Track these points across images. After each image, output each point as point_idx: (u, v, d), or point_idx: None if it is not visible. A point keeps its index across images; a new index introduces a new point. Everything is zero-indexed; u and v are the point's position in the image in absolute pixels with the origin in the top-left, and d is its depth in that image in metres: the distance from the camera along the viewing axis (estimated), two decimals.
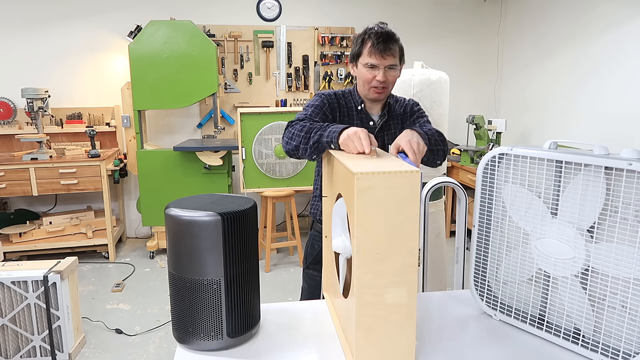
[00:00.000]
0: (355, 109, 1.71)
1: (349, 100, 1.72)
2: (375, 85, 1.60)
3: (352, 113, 1.71)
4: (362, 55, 1.59)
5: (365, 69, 1.59)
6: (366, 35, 1.57)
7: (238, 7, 4.54)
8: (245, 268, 1.15)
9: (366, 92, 1.65)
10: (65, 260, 2.56)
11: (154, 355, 2.64)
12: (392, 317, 1.01)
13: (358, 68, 1.63)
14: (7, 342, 2.41)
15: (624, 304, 1.02)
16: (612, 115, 3.56)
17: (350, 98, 1.73)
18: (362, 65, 1.60)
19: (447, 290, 2.51)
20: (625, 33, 3.43)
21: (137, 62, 3.85)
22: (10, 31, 4.22)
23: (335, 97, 1.71)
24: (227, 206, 1.13)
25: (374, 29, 1.57)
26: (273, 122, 3.73)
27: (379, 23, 1.59)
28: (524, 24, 4.66)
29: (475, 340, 1.19)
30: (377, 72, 1.58)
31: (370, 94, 1.64)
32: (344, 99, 1.72)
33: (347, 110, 1.71)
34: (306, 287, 1.87)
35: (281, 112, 3.78)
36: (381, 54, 1.55)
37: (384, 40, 1.54)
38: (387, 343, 1.02)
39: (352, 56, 1.65)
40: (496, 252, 1.28)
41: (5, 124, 4.19)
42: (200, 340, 1.13)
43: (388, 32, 1.56)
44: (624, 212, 1.00)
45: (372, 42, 1.55)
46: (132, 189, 4.66)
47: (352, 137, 1.24)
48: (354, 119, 1.70)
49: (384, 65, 1.57)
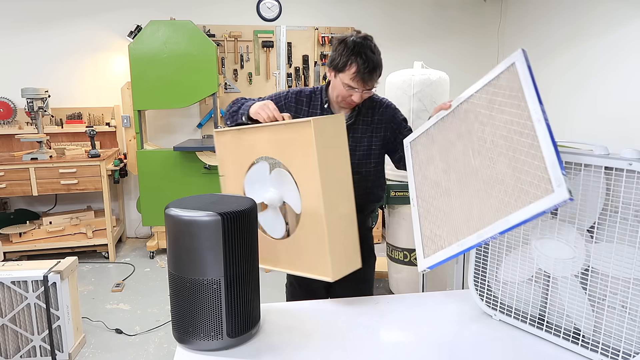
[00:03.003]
0: (320, 107, 1.71)
1: (316, 98, 1.72)
2: (350, 102, 1.61)
3: (317, 111, 1.71)
4: (343, 73, 1.56)
5: (344, 86, 1.57)
6: (353, 58, 1.52)
7: (238, 7, 4.54)
8: (245, 268, 1.15)
9: (338, 101, 1.65)
10: (65, 260, 2.56)
11: (154, 355, 2.64)
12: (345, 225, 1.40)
13: (336, 79, 1.60)
14: (7, 342, 2.41)
15: (624, 304, 1.02)
16: (612, 115, 3.56)
17: (317, 96, 1.73)
18: (341, 81, 1.57)
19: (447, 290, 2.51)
20: (625, 33, 3.43)
21: (137, 62, 3.85)
22: (11, 31, 4.22)
23: (302, 95, 1.72)
24: (227, 206, 1.13)
25: (362, 53, 1.52)
26: None
27: (364, 41, 1.54)
28: (524, 24, 4.66)
29: (475, 340, 1.19)
30: (355, 93, 1.57)
31: (341, 105, 1.65)
32: (313, 96, 1.72)
33: (310, 107, 1.71)
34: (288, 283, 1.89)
35: None
36: (364, 82, 1.55)
37: (369, 71, 1.53)
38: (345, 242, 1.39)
39: (332, 65, 1.59)
40: (496, 252, 1.28)
41: (5, 124, 4.19)
42: (200, 340, 1.13)
43: (375, 61, 1.54)
44: (624, 212, 1.00)
45: (358, 69, 1.52)
46: (132, 189, 4.66)
47: (263, 107, 1.48)
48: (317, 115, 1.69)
49: (363, 90, 1.57)
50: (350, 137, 1.69)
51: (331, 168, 1.36)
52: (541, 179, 1.04)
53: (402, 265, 3.04)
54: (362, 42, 1.54)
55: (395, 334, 1.22)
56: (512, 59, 1.25)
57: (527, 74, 1.19)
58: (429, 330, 1.24)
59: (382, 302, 1.40)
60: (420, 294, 1.50)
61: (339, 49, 1.56)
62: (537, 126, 1.09)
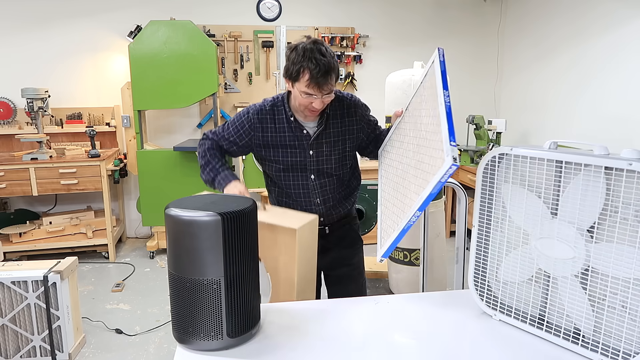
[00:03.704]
0: (286, 121, 1.68)
1: (281, 112, 1.68)
2: (312, 109, 1.60)
3: (283, 125, 1.68)
4: (298, 82, 1.54)
5: (302, 94, 1.55)
6: (304, 64, 1.49)
7: (238, 7, 4.54)
8: (245, 268, 1.15)
9: (301, 111, 1.63)
10: (65, 260, 2.56)
11: (154, 355, 2.64)
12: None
13: (293, 89, 1.58)
14: (7, 342, 2.41)
15: (624, 304, 1.02)
16: (612, 115, 3.56)
17: (282, 108, 1.69)
18: (298, 90, 1.55)
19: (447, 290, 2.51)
20: (625, 33, 3.43)
21: (137, 62, 3.85)
22: (11, 31, 4.22)
23: (264, 112, 1.68)
24: (227, 206, 1.13)
25: (312, 58, 1.48)
26: None
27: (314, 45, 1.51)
28: (524, 24, 4.66)
29: (475, 340, 1.19)
30: (314, 99, 1.55)
31: (306, 114, 1.63)
32: (275, 109, 1.69)
33: (277, 123, 1.68)
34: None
35: None
36: (319, 87, 1.52)
37: (322, 74, 1.50)
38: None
39: (287, 75, 1.57)
40: (496, 252, 1.28)
41: (5, 124, 4.19)
42: (200, 340, 1.13)
43: (326, 64, 1.50)
44: (624, 212, 1.00)
45: (311, 74, 1.49)
46: (132, 189, 4.66)
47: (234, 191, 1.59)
48: (285, 130, 1.68)
49: (321, 95, 1.54)
50: (324, 142, 1.71)
51: (304, 263, 1.53)
52: (440, 152, 1.21)
53: (402, 265, 3.04)
54: (311, 47, 1.50)
55: (395, 334, 1.22)
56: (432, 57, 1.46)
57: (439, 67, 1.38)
58: (429, 330, 1.24)
59: (382, 302, 1.40)
60: (420, 294, 1.50)
61: (291, 57, 1.53)
62: (440, 108, 1.28)
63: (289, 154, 1.71)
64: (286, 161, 1.72)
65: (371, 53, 4.77)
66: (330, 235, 1.83)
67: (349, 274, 1.92)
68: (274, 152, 1.72)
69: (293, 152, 1.70)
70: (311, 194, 1.76)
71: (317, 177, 1.74)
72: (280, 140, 1.69)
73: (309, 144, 1.69)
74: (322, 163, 1.72)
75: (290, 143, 1.70)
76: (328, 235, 1.83)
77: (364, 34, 4.72)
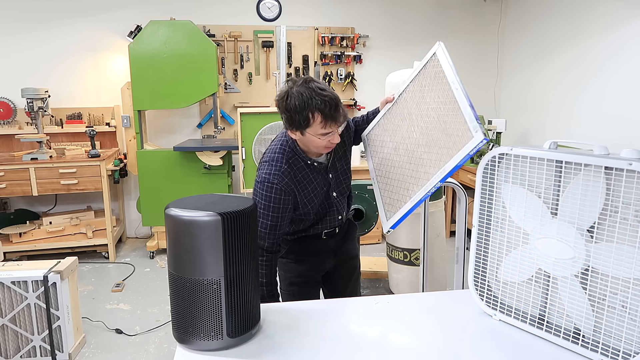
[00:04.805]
0: (306, 166, 1.65)
1: (297, 161, 1.62)
2: (332, 146, 1.57)
3: (306, 172, 1.65)
4: (310, 127, 1.48)
5: (318, 137, 1.50)
6: (311, 109, 1.44)
7: (238, 7, 4.54)
8: (245, 268, 1.15)
9: (317, 151, 1.60)
10: (65, 260, 2.56)
11: (154, 355, 2.64)
12: None
13: (305, 136, 1.52)
14: (7, 342, 2.41)
15: (624, 304, 1.02)
16: (612, 115, 3.56)
17: (297, 158, 1.62)
18: (312, 135, 1.51)
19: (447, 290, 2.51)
20: (625, 33, 3.43)
21: (137, 62, 3.85)
22: (11, 31, 4.22)
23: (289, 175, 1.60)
24: (227, 206, 1.13)
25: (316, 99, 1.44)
26: (273, 122, 3.72)
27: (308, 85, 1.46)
28: (524, 24, 4.66)
29: (475, 340, 1.19)
30: (332, 136, 1.52)
31: (323, 152, 1.61)
32: (293, 163, 1.62)
33: (300, 173, 1.64)
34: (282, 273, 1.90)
35: None
36: (335, 121, 1.48)
37: (334, 109, 1.46)
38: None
39: (293, 126, 1.51)
40: (496, 252, 1.28)
41: (5, 124, 4.19)
42: (200, 340, 1.13)
43: (332, 98, 1.46)
44: (624, 212, 1.00)
45: (323, 114, 1.45)
46: (132, 189, 4.66)
47: None
48: (309, 175, 1.65)
49: (337, 127, 1.52)
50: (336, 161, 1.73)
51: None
52: (464, 130, 1.37)
53: (402, 265, 3.04)
54: (308, 88, 1.46)
55: (395, 334, 1.22)
56: (433, 50, 1.61)
57: (445, 58, 1.54)
58: (429, 330, 1.24)
59: (382, 302, 1.40)
60: (420, 294, 1.50)
61: (289, 106, 1.47)
62: (455, 93, 1.43)
63: (318, 192, 1.69)
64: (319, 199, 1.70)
65: (371, 53, 4.77)
66: (339, 234, 1.86)
67: (354, 266, 2.00)
68: (308, 200, 1.67)
69: (320, 187, 1.70)
70: (336, 210, 1.79)
71: (338, 193, 1.77)
72: (309, 185, 1.67)
73: (327, 171, 1.72)
74: (339, 177, 1.77)
75: (316, 182, 1.68)
76: (337, 235, 1.85)
77: (364, 34, 4.71)
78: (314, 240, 1.80)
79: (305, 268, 1.83)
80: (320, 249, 1.82)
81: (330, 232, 1.80)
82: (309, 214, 1.71)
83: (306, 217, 1.72)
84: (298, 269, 1.83)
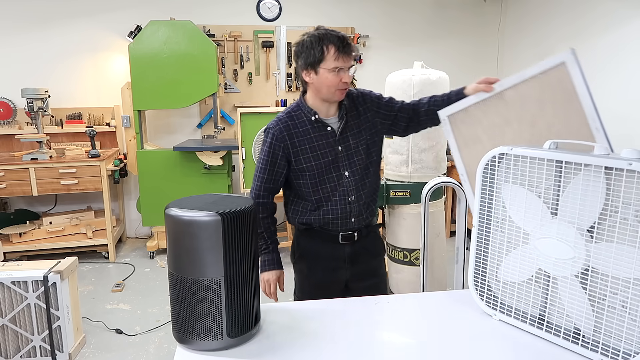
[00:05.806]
0: (309, 122, 1.67)
1: (300, 115, 1.68)
2: (342, 87, 1.62)
3: (307, 128, 1.67)
4: (324, 61, 1.57)
5: (331, 73, 1.58)
6: (325, 42, 1.56)
7: (238, 7, 4.54)
8: (245, 268, 1.15)
9: (330, 95, 1.63)
10: (65, 260, 2.56)
11: (154, 355, 2.64)
12: None
13: (319, 74, 1.59)
14: (7, 342, 2.41)
15: (624, 304, 1.02)
16: (612, 115, 3.56)
17: (300, 112, 1.68)
18: (325, 70, 1.58)
19: (447, 290, 2.51)
20: (625, 33, 3.43)
21: (137, 62, 3.85)
22: (11, 31, 4.22)
23: (283, 121, 1.68)
24: (227, 206, 1.13)
25: (328, 34, 1.57)
26: None
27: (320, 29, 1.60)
28: (524, 24, 4.66)
29: (475, 340, 1.19)
30: (343, 74, 1.59)
31: (336, 96, 1.64)
32: (294, 115, 1.69)
33: (299, 127, 1.67)
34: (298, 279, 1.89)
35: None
36: (348, 55, 1.58)
37: (347, 43, 1.58)
38: None
39: (308, 64, 1.60)
40: (496, 252, 1.28)
41: (5, 124, 4.19)
42: (200, 340, 1.13)
43: (343, 35, 1.59)
44: (624, 212, 1.00)
45: (336, 46, 1.56)
46: (132, 189, 4.66)
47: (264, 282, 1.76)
48: (310, 132, 1.67)
49: (348, 67, 1.60)
50: (349, 136, 1.70)
51: None
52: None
53: (402, 265, 3.04)
54: (320, 31, 1.59)
55: (395, 334, 1.22)
56: (560, 57, 1.36)
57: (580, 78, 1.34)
58: (429, 330, 1.24)
59: (382, 302, 1.40)
60: (420, 294, 1.50)
61: (305, 47, 1.59)
62: (595, 134, 1.31)
63: (320, 156, 1.68)
64: (319, 164, 1.68)
65: (371, 53, 4.77)
66: (358, 243, 1.78)
67: (377, 285, 1.85)
68: (305, 159, 1.68)
69: (323, 152, 1.68)
70: (346, 191, 1.72)
71: (351, 174, 1.71)
72: (308, 143, 1.67)
73: (336, 141, 1.69)
74: (352, 156, 1.71)
75: (318, 143, 1.68)
76: (357, 243, 1.77)
77: (364, 34, 4.71)
78: (328, 241, 1.74)
79: (320, 277, 1.78)
80: (333, 254, 1.75)
81: (347, 235, 1.73)
82: (306, 177, 1.69)
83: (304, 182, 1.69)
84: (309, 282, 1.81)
